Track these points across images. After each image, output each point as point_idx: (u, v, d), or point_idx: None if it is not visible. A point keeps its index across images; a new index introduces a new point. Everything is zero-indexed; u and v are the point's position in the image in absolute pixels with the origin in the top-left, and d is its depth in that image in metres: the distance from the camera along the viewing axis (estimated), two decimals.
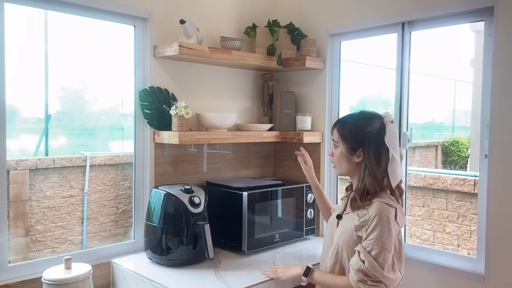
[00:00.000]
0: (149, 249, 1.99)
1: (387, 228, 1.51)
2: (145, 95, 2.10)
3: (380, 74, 5.61)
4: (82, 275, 1.58)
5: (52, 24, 2.18)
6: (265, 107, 2.61)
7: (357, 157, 1.61)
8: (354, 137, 1.60)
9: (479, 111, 1.92)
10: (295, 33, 2.49)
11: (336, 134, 1.66)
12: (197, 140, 2.06)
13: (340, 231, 1.63)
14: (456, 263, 2.00)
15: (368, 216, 1.53)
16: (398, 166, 1.58)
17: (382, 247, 1.49)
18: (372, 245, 1.50)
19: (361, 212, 1.56)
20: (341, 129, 1.64)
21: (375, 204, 1.54)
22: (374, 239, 1.50)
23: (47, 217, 2.80)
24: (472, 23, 2.07)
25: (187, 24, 2.03)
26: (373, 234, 1.50)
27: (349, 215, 1.63)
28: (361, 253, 1.50)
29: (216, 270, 1.89)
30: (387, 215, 1.52)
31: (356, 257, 1.52)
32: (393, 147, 1.56)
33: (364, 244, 1.52)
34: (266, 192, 2.20)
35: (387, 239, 1.50)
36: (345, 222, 1.63)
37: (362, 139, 1.59)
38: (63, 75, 2.34)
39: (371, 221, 1.51)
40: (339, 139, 1.64)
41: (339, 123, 1.67)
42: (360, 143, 1.59)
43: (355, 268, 1.50)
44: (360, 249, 1.52)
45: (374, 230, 1.50)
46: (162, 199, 1.95)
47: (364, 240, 1.52)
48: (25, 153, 2.59)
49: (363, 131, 1.59)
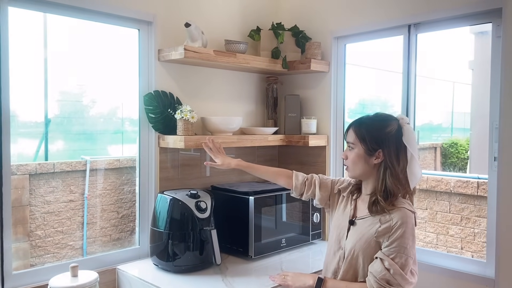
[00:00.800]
0: (155, 255, 1.96)
1: (411, 236, 1.50)
2: (150, 99, 2.08)
3: (378, 76, 5.62)
4: (89, 283, 1.56)
5: (52, 28, 2.16)
6: (269, 111, 2.59)
7: (376, 158, 1.57)
8: (374, 138, 1.56)
9: (478, 113, 1.91)
10: (300, 36, 2.47)
11: (352, 135, 1.62)
12: (202, 144, 2.04)
13: (356, 236, 1.58)
14: (464, 267, 1.99)
15: (392, 222, 1.50)
16: (418, 166, 1.57)
17: (407, 255, 1.48)
18: (396, 253, 1.47)
19: (383, 218, 1.52)
20: (359, 130, 1.60)
21: (400, 211, 1.51)
22: (400, 246, 1.47)
23: (47, 222, 2.77)
24: (474, 25, 2.06)
25: (192, 28, 2.01)
26: (398, 242, 1.48)
27: (367, 220, 1.58)
28: (385, 261, 1.47)
29: (223, 276, 1.87)
30: (412, 222, 1.51)
31: (379, 264, 1.48)
32: (412, 147, 1.55)
33: (387, 252, 1.49)
34: (272, 197, 2.18)
35: (411, 247, 1.49)
36: (362, 228, 1.58)
37: (382, 140, 1.55)
38: (63, 79, 2.32)
39: (397, 228, 1.49)
40: (356, 140, 1.60)
41: (356, 125, 1.63)
42: (380, 144, 1.56)
43: (378, 277, 1.47)
44: (383, 256, 1.48)
45: (400, 238, 1.48)
46: (168, 205, 1.93)
47: (387, 246, 1.49)
48: (24, 158, 2.56)
49: (383, 131, 1.56)
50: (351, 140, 1.62)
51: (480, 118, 5.14)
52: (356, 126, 1.62)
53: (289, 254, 2.19)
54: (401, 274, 1.46)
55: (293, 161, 2.62)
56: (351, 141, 1.62)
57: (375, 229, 1.53)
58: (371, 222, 1.56)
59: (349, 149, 1.63)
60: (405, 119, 1.60)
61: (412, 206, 1.57)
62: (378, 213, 1.54)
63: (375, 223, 1.54)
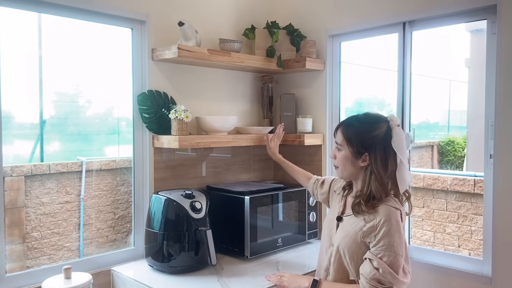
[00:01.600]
0: (150, 256, 1.95)
1: (397, 233, 1.46)
2: (143, 99, 2.06)
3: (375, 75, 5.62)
4: (82, 285, 1.54)
5: (46, 28, 2.14)
6: (265, 110, 2.58)
7: (362, 161, 1.54)
8: (360, 141, 1.53)
9: (475, 111, 1.92)
10: (295, 34, 2.46)
11: (340, 136, 1.60)
12: (197, 144, 2.02)
13: (342, 234, 1.57)
14: (461, 265, 1.98)
15: (376, 221, 1.48)
16: (407, 171, 1.53)
17: (395, 253, 1.45)
18: (384, 251, 1.45)
19: (367, 217, 1.50)
20: (346, 132, 1.57)
21: (382, 209, 1.49)
22: (386, 245, 1.45)
23: (43, 224, 2.75)
24: (470, 22, 2.05)
25: (185, 26, 2.00)
26: (384, 240, 1.45)
27: (351, 217, 1.57)
28: (373, 261, 1.45)
29: (219, 277, 1.86)
30: (396, 219, 1.47)
31: (368, 265, 1.46)
32: (401, 152, 1.50)
33: (374, 251, 1.47)
34: (267, 196, 2.16)
35: (398, 244, 1.46)
36: (347, 225, 1.57)
37: (368, 143, 1.52)
38: (58, 80, 2.30)
39: (381, 227, 1.46)
40: (344, 142, 1.57)
41: (344, 126, 1.60)
42: (366, 147, 1.53)
43: (368, 277, 1.45)
44: (371, 256, 1.46)
45: (386, 236, 1.45)
46: (163, 205, 1.91)
47: (374, 246, 1.47)
48: (19, 159, 2.54)
49: (370, 134, 1.53)
50: (339, 141, 1.61)
51: (476, 116, 5.14)
52: (344, 127, 1.59)
53: (285, 254, 2.18)
54: (391, 272, 1.43)
55: (289, 160, 2.59)
56: (339, 142, 1.61)
57: (359, 227, 1.51)
58: (356, 220, 1.54)
59: (337, 150, 1.62)
60: (395, 120, 1.55)
61: (397, 203, 1.53)
62: (360, 213, 1.52)
63: (359, 221, 1.52)
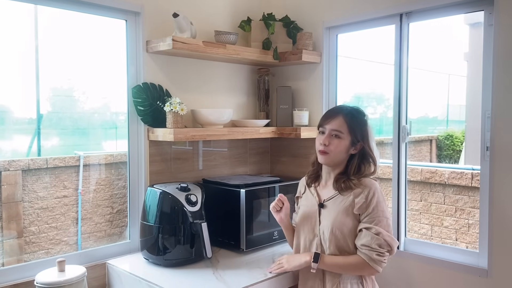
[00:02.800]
0: (145, 249, 1.94)
1: (383, 199, 1.64)
2: (138, 92, 2.05)
3: (373, 69, 5.60)
4: (76, 278, 1.53)
5: (42, 22, 2.12)
6: (261, 103, 2.57)
7: (354, 149, 1.67)
8: (360, 131, 1.67)
9: (474, 105, 1.91)
10: (291, 26, 2.44)
11: (342, 124, 1.65)
12: (192, 137, 2.01)
13: (330, 217, 1.65)
14: (458, 257, 1.98)
15: (365, 192, 1.62)
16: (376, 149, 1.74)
17: (386, 217, 1.62)
18: (378, 218, 1.59)
19: (356, 191, 1.63)
20: (350, 121, 1.66)
21: (367, 181, 1.64)
22: (379, 211, 1.60)
23: (41, 218, 2.75)
24: (468, 14, 2.03)
25: (180, 18, 1.98)
26: (377, 208, 1.60)
27: (336, 199, 1.67)
28: (371, 229, 1.58)
29: (214, 270, 1.85)
30: (379, 188, 1.65)
31: (367, 235, 1.58)
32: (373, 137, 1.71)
33: (369, 220, 1.60)
34: (263, 189, 2.15)
35: (386, 209, 1.64)
36: (334, 206, 1.67)
37: (364, 134, 1.67)
38: (54, 74, 2.28)
39: (372, 197, 1.61)
40: (346, 130, 1.65)
41: (346, 114, 1.67)
42: (362, 137, 1.67)
43: (371, 245, 1.57)
44: (368, 226, 1.59)
45: (377, 204, 1.60)
46: (158, 198, 1.91)
47: (368, 215, 1.60)
48: (17, 154, 2.54)
49: (366, 126, 1.69)
50: (340, 128, 1.65)
51: (475, 110, 5.13)
52: (347, 116, 1.67)
53: (281, 247, 2.17)
54: (388, 235, 1.59)
55: (285, 153, 2.60)
56: (339, 129, 1.66)
57: (349, 203, 1.63)
58: (342, 198, 1.66)
59: (334, 137, 1.66)
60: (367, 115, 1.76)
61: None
62: (348, 189, 1.65)
63: (347, 198, 1.64)
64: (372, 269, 1.59)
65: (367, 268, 1.59)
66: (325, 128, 1.68)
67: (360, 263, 1.58)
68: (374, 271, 1.60)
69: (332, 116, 1.68)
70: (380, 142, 5.85)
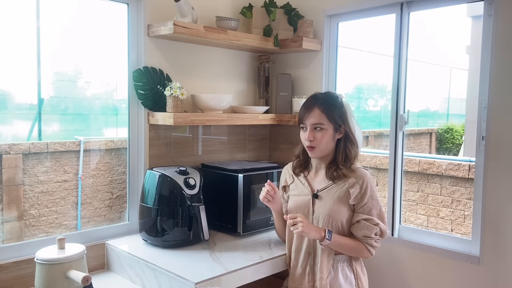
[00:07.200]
0: (144, 231, 1.97)
1: (375, 188, 1.72)
2: (139, 75, 2.07)
3: (375, 61, 5.59)
4: (76, 255, 1.56)
5: (44, 6, 2.12)
6: (261, 90, 2.58)
7: (339, 134, 1.73)
8: (339, 115, 1.70)
9: (474, 98, 1.92)
10: (292, 14, 2.45)
11: (321, 116, 1.68)
12: (192, 121, 2.03)
13: (326, 205, 1.70)
14: (450, 245, 2.01)
15: (359, 182, 1.68)
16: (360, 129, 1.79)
17: (380, 205, 1.72)
18: (373, 206, 1.69)
19: (350, 181, 1.69)
20: (327, 110, 1.69)
21: (359, 171, 1.71)
22: (373, 199, 1.69)
23: (41, 202, 2.77)
24: (470, 5, 2.04)
25: (181, 2, 1.99)
26: (371, 198, 1.68)
27: (330, 189, 1.72)
28: (370, 220, 1.67)
29: (211, 251, 1.88)
30: (370, 176, 1.72)
31: (365, 225, 1.67)
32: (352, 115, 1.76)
33: (365, 209, 1.68)
34: (261, 174, 2.18)
35: (378, 197, 1.72)
36: (329, 196, 1.72)
37: (343, 117, 1.72)
38: (56, 58, 2.29)
39: (366, 186, 1.68)
40: (326, 120, 1.69)
41: (321, 104, 1.70)
42: (343, 120, 1.72)
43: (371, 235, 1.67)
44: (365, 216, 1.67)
45: (371, 192, 1.68)
46: (157, 181, 1.93)
47: (364, 204, 1.68)
48: (17, 138, 2.55)
49: (342, 109, 1.73)
50: (320, 120, 1.69)
51: (476, 103, 5.14)
52: (323, 105, 1.70)
53: None
54: (384, 222, 1.72)
55: (284, 140, 2.62)
56: (320, 122, 1.69)
57: (343, 192, 1.69)
58: (337, 187, 1.72)
59: (317, 130, 1.69)
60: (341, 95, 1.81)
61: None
62: (340, 178, 1.70)
63: (341, 187, 1.69)
64: (369, 253, 1.73)
65: (365, 252, 1.72)
66: (305, 124, 1.72)
67: (361, 248, 1.71)
68: (370, 254, 1.73)
69: (308, 110, 1.70)
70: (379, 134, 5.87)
